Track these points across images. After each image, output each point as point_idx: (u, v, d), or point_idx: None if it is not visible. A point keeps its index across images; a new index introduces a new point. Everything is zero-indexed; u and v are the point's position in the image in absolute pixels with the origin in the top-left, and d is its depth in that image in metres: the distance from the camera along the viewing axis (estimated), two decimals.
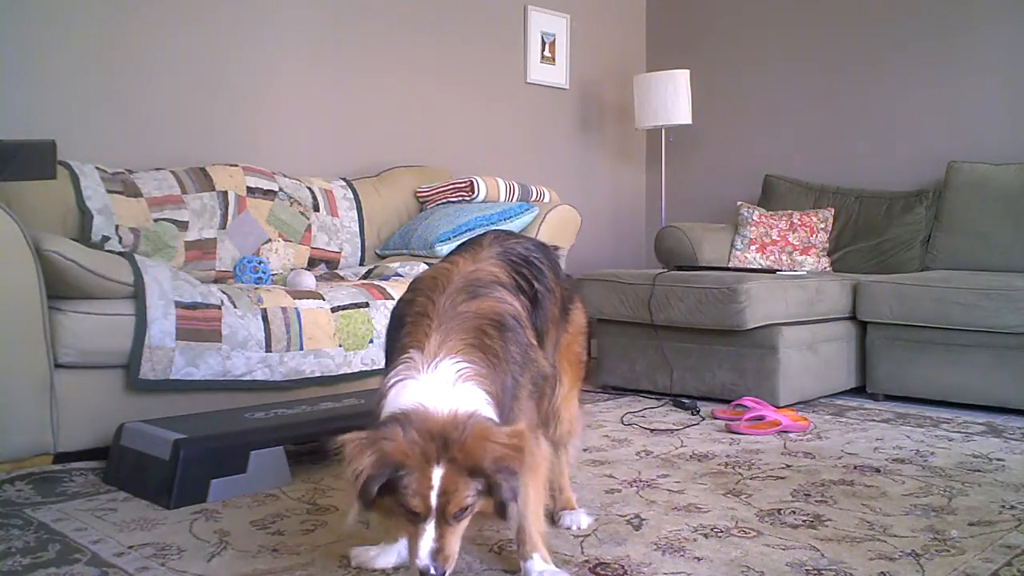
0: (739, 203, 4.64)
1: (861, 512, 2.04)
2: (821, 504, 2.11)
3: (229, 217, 3.36)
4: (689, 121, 4.80)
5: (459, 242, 3.60)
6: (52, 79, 3.22)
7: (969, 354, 3.32)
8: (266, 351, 2.74)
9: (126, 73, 3.41)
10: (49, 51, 3.21)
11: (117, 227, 3.05)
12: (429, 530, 1.34)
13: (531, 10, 4.84)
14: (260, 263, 3.31)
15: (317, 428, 2.41)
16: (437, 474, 1.32)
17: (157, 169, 3.32)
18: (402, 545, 1.70)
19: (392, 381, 1.42)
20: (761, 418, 3.00)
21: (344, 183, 3.88)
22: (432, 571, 1.33)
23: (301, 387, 2.82)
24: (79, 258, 2.46)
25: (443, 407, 1.35)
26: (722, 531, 1.90)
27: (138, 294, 2.56)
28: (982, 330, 3.28)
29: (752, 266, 4.33)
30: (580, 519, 1.92)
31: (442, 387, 1.38)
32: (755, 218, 4.50)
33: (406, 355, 1.43)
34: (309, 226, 3.61)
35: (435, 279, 1.55)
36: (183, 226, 3.23)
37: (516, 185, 3.96)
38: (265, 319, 2.75)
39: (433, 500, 1.32)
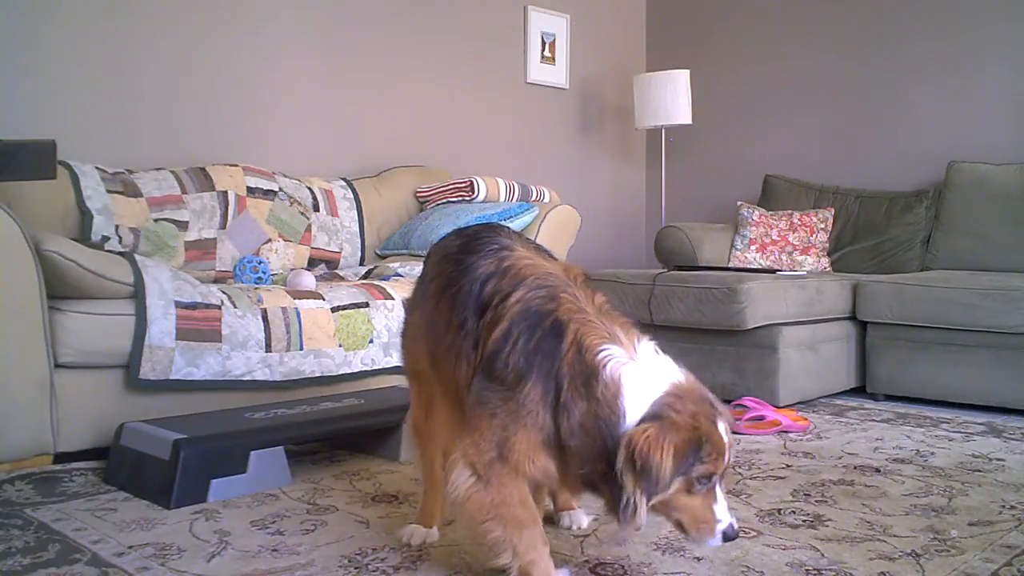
0: (739, 203, 4.64)
1: (861, 512, 2.04)
2: (821, 504, 2.11)
3: (229, 217, 3.36)
4: (689, 121, 4.80)
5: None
6: (52, 79, 3.22)
7: (969, 354, 3.32)
8: (266, 351, 2.74)
9: (126, 73, 3.41)
10: (49, 51, 3.21)
11: (117, 227, 3.05)
12: (719, 490, 1.40)
13: (531, 10, 4.84)
14: (260, 263, 3.31)
15: (317, 428, 2.41)
16: (725, 431, 1.40)
17: (157, 169, 3.32)
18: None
19: (618, 368, 1.40)
20: (761, 418, 3.00)
21: (344, 183, 3.88)
22: (735, 528, 1.40)
23: (301, 387, 2.83)
24: (79, 258, 2.47)
25: (681, 375, 1.43)
26: None
27: (138, 294, 2.56)
28: (982, 330, 3.28)
29: (752, 266, 4.33)
30: (580, 519, 1.92)
31: (662, 361, 1.44)
32: (755, 218, 4.50)
33: (605, 349, 1.41)
34: (309, 226, 3.61)
35: (554, 275, 1.54)
36: (183, 226, 3.23)
37: (516, 185, 3.96)
38: (265, 319, 2.75)
39: (728, 456, 1.40)
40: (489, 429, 1.45)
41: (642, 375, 1.40)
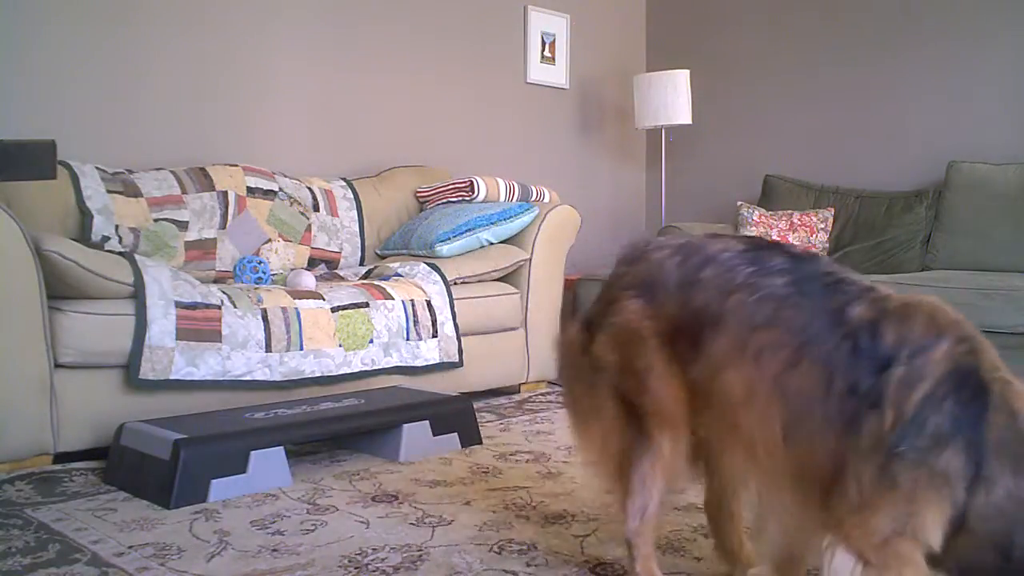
0: (739, 203, 4.64)
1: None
2: None
3: (229, 217, 3.36)
4: (689, 121, 4.80)
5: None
6: (52, 79, 3.22)
7: None
8: (266, 351, 2.74)
9: (126, 73, 3.41)
10: (49, 51, 3.21)
11: (117, 227, 3.05)
12: None
13: (531, 10, 4.84)
14: (260, 263, 3.31)
15: (317, 428, 2.41)
16: None
17: (157, 169, 3.32)
18: None
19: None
20: None
21: (344, 183, 3.88)
22: None
23: (301, 387, 2.83)
24: (79, 258, 2.47)
25: None
26: None
27: (138, 294, 2.56)
28: (982, 330, 3.27)
29: None
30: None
31: None
32: (755, 218, 4.50)
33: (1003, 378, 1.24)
34: (309, 226, 3.61)
35: (964, 322, 1.38)
36: (183, 226, 3.23)
37: (516, 185, 3.96)
38: (265, 319, 2.75)
39: None
40: (888, 503, 1.22)
41: None
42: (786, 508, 1.38)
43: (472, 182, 3.84)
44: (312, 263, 3.61)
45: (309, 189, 3.69)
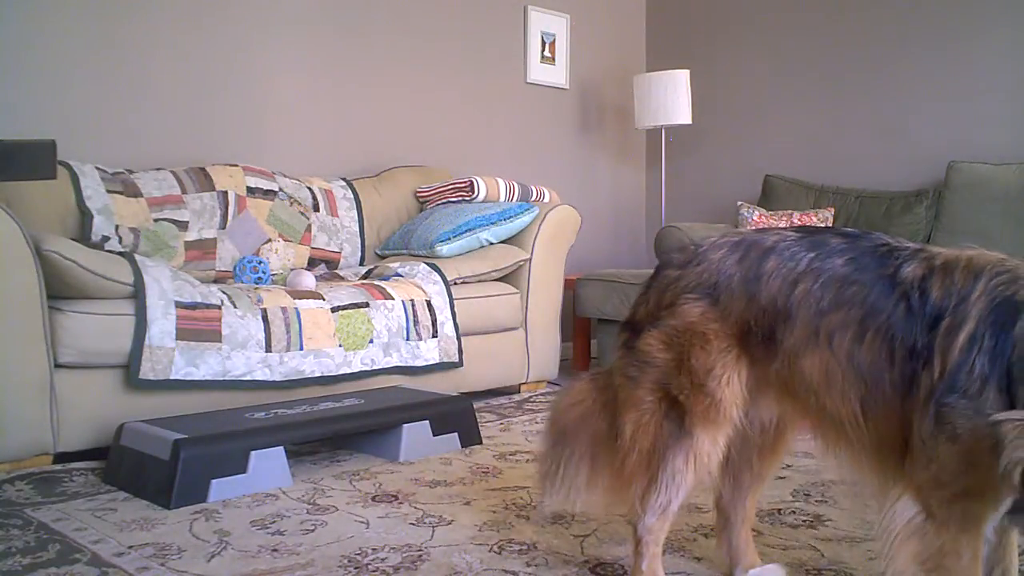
0: (739, 203, 4.64)
1: (861, 512, 2.04)
2: (821, 504, 2.11)
3: (229, 217, 3.36)
4: (689, 121, 4.80)
5: (463, 241, 3.53)
6: (52, 79, 3.22)
7: None
8: (266, 351, 2.74)
9: (126, 73, 3.41)
10: (49, 51, 3.21)
11: (117, 227, 3.05)
12: None
13: (531, 10, 4.84)
14: (260, 263, 3.31)
15: (317, 428, 2.41)
16: None
17: (157, 169, 3.32)
18: None
19: None
20: None
21: (344, 183, 3.88)
22: None
23: (301, 387, 2.83)
24: (79, 258, 2.47)
25: None
26: None
27: (138, 294, 2.56)
28: None
29: None
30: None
31: None
32: (755, 218, 4.50)
33: None
34: (309, 226, 3.61)
35: (1007, 258, 1.32)
36: (183, 226, 3.23)
37: (516, 185, 3.96)
38: (265, 319, 2.75)
39: None
40: (950, 457, 1.19)
41: None
42: (871, 479, 1.38)
43: (472, 182, 3.84)
44: (312, 263, 3.61)
45: (309, 189, 3.69)
